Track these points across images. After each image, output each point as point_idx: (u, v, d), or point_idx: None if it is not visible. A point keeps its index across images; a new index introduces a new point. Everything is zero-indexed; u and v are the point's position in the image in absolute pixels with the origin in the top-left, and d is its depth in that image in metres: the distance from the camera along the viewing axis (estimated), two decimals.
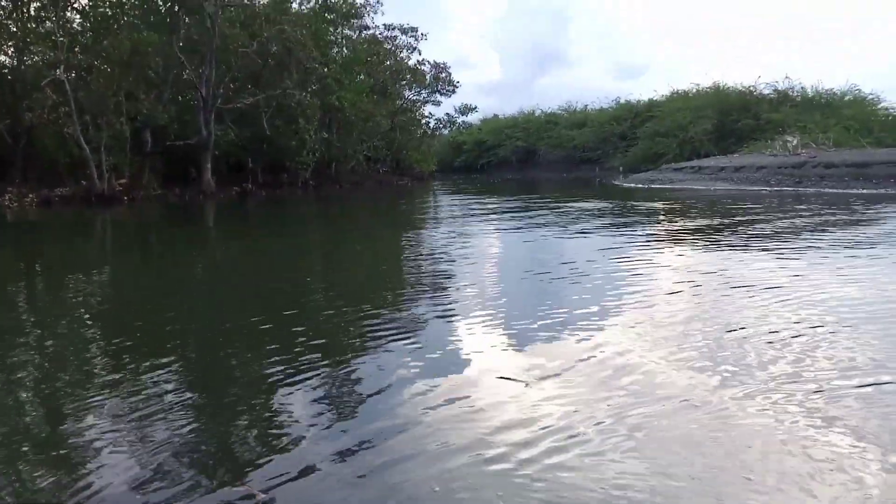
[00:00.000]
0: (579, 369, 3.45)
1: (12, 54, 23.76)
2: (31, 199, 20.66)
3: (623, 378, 3.28)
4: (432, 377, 3.40)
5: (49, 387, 3.51)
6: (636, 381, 3.23)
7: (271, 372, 3.60)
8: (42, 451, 2.68)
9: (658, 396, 3.02)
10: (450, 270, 7.24)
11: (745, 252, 7.81)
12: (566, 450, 2.48)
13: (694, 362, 3.51)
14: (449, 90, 40.48)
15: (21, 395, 3.43)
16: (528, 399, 3.04)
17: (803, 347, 3.71)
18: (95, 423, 2.89)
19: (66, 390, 3.43)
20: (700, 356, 3.61)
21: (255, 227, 15.37)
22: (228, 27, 25.64)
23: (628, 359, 3.61)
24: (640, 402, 2.94)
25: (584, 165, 50.55)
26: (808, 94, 40.77)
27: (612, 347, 3.84)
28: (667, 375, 3.32)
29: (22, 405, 3.30)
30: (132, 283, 7.40)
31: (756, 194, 19.58)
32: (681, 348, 3.79)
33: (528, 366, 3.55)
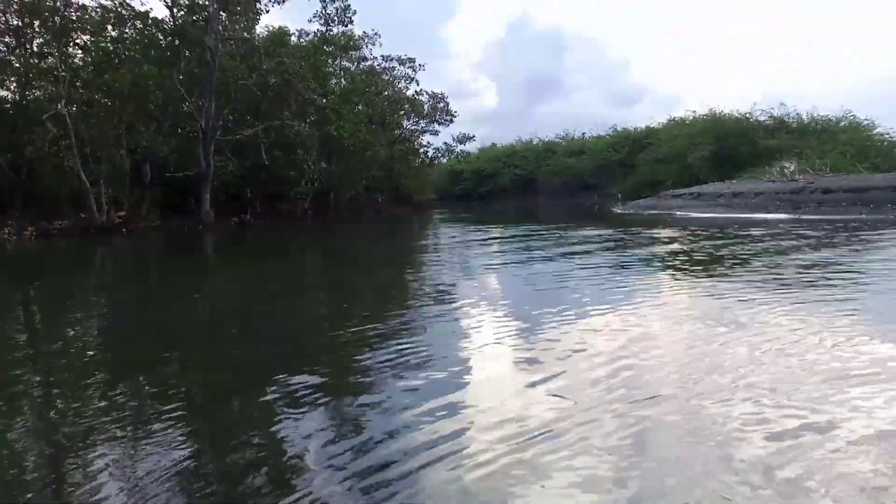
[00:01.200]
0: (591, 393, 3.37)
1: (15, 89, 23.97)
2: (31, 232, 20.64)
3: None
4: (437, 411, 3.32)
5: (48, 430, 3.42)
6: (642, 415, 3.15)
7: (275, 400, 3.52)
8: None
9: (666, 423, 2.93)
10: (452, 310, 7.14)
11: (762, 294, 7.73)
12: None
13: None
14: (447, 120, 40.82)
15: (19, 428, 3.34)
16: (545, 419, 2.97)
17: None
18: (97, 456, 2.83)
19: (65, 433, 3.34)
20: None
21: (254, 257, 15.31)
22: (228, 60, 25.91)
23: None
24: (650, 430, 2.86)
25: (583, 193, 50.78)
26: (803, 120, 41.14)
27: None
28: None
29: (21, 439, 3.21)
30: (130, 315, 7.32)
31: (756, 220, 19.57)
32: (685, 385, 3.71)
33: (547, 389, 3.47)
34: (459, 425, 3.16)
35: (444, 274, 9.51)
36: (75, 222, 21.76)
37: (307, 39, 33.57)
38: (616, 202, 38.00)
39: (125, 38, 25.62)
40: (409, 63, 39.45)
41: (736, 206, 24.96)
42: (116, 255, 16.09)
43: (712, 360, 4.18)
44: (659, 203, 30.02)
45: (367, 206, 36.30)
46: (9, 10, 23.30)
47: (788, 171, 28.48)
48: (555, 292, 7.43)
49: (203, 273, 12.36)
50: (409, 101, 39.31)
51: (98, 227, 21.19)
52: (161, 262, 14.88)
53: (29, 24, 23.61)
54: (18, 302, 8.81)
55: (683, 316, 5.72)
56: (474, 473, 2.59)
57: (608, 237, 15.25)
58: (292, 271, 10.99)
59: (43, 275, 12.22)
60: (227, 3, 26.16)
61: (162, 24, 26.12)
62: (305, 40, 33.48)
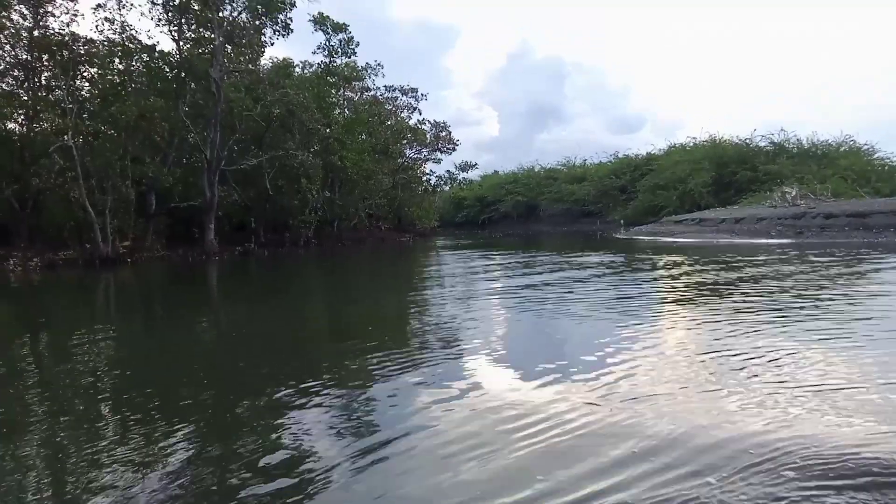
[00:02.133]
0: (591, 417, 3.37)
1: (23, 122, 24.29)
2: (36, 263, 20.74)
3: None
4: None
5: (53, 457, 3.43)
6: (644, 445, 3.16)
7: (281, 428, 3.53)
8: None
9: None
10: (457, 338, 7.15)
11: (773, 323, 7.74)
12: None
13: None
14: (449, 148, 41.23)
15: (27, 453, 3.35)
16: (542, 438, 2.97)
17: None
18: (110, 474, 2.85)
19: (75, 461, 3.35)
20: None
21: (257, 286, 15.35)
22: (233, 92, 26.29)
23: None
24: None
25: (585, 219, 50.96)
26: (803, 145, 41.38)
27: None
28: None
29: (27, 463, 3.22)
30: (135, 344, 7.33)
31: (759, 246, 19.59)
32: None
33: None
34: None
35: (446, 307, 9.51)
36: (80, 253, 21.87)
37: (311, 71, 34.07)
38: (618, 228, 38.10)
39: (132, 70, 26.02)
40: (412, 93, 40.06)
41: (738, 231, 25.02)
42: (120, 286, 16.12)
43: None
44: (661, 229, 30.10)
45: (371, 233, 36.46)
46: (18, 44, 23.76)
47: (790, 197, 28.60)
48: (558, 324, 7.43)
49: (205, 304, 12.38)
50: (411, 130, 39.78)
51: (103, 257, 21.28)
52: (164, 292, 14.92)
53: (38, 57, 24.07)
54: (23, 333, 8.84)
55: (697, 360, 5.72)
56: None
57: (611, 264, 15.27)
58: (294, 303, 10.99)
59: (47, 306, 12.26)
60: (233, 37, 26.64)
61: (168, 56, 26.57)
62: (309, 71, 33.99)
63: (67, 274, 19.06)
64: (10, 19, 23.29)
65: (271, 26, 27.51)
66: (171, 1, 26.06)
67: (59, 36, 23.59)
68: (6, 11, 22.85)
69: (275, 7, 26.64)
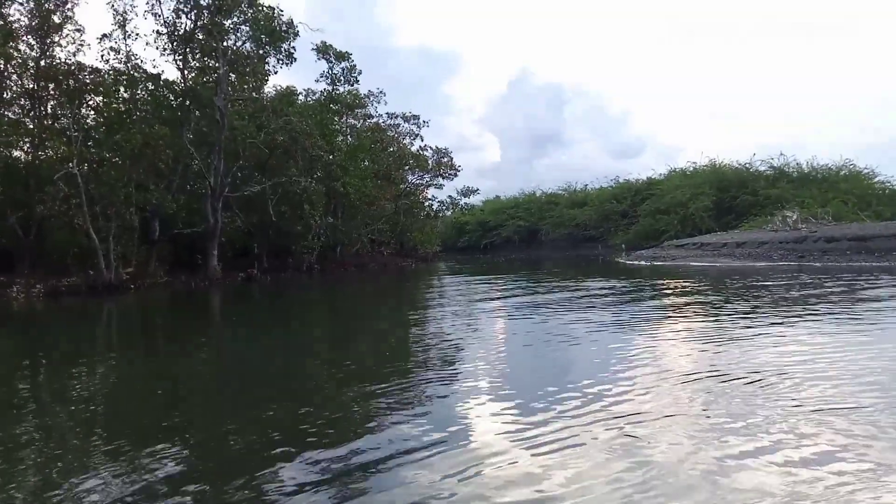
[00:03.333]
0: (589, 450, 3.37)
1: (28, 150, 24.49)
2: (39, 290, 20.75)
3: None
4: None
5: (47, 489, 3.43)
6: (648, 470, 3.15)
7: (279, 458, 3.52)
8: None
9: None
10: (463, 374, 7.13)
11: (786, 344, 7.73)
12: None
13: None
14: (451, 174, 41.51)
15: (23, 486, 3.35)
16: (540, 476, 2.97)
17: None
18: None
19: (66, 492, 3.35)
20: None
21: (259, 315, 15.34)
22: (237, 119, 26.54)
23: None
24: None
25: (586, 243, 51.02)
26: (803, 169, 41.58)
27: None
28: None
29: (24, 496, 3.22)
30: (130, 376, 7.33)
31: (761, 270, 19.59)
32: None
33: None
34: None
35: (448, 334, 9.50)
36: (83, 280, 21.88)
37: (314, 98, 34.42)
38: (619, 253, 38.12)
39: (137, 98, 26.31)
40: (414, 120, 40.46)
41: (740, 255, 25.03)
42: (121, 314, 16.13)
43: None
44: (663, 253, 30.12)
45: (373, 259, 36.51)
46: (25, 74, 24.09)
47: (791, 220, 28.66)
48: (562, 352, 7.43)
49: (205, 335, 12.37)
50: (413, 157, 40.10)
51: (106, 284, 21.30)
52: (164, 321, 14.91)
53: (44, 86, 24.37)
54: (22, 362, 8.84)
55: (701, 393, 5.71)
56: None
57: (614, 289, 15.26)
58: (297, 331, 11.00)
59: (47, 334, 12.27)
60: (237, 66, 27.00)
61: (173, 85, 26.88)
62: (312, 99, 34.34)
63: (70, 301, 19.07)
64: (18, 49, 23.65)
65: (275, 55, 27.87)
66: (176, 31, 26.46)
67: (66, 65, 23.90)
68: (14, 42, 23.19)
69: (278, 37, 27.02)
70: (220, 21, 26.12)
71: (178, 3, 25.99)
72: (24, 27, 23.73)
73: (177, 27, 26.48)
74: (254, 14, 26.50)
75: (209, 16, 26.03)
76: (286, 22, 27.16)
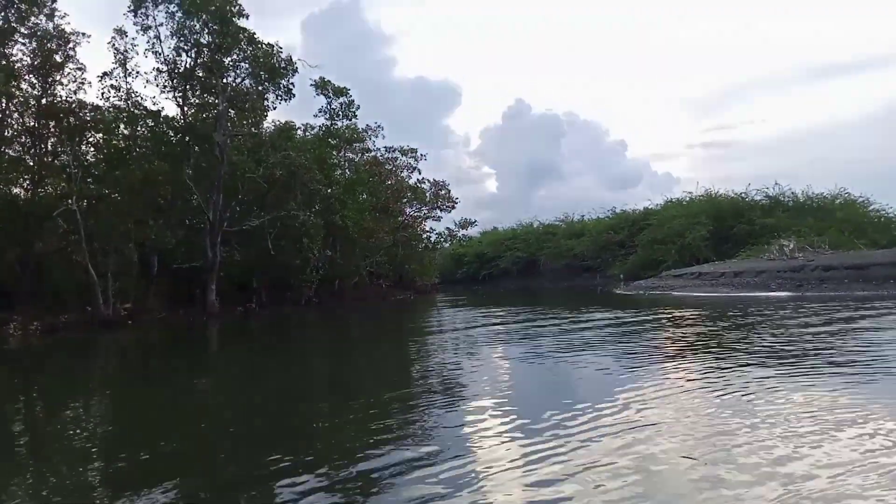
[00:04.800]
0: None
1: (27, 187, 24.60)
2: (36, 327, 20.66)
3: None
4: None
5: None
6: None
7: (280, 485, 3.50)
8: None
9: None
10: (459, 413, 7.02)
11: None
12: None
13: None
14: (448, 206, 41.70)
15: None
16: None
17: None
18: None
19: None
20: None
21: (259, 349, 15.27)
22: (236, 154, 26.75)
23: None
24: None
25: (584, 274, 50.92)
26: (798, 198, 41.74)
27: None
28: None
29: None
30: (126, 414, 7.27)
31: (760, 300, 19.59)
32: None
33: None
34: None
35: (448, 367, 9.47)
36: (81, 316, 21.81)
37: (312, 133, 34.69)
38: (618, 283, 38.08)
39: (137, 135, 26.55)
40: (412, 153, 40.75)
41: (738, 285, 25.02)
42: (119, 351, 16.07)
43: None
44: (661, 284, 30.10)
45: (372, 291, 36.42)
46: (27, 112, 24.34)
47: (788, 250, 28.72)
48: (562, 389, 7.42)
49: (201, 372, 12.28)
50: (411, 189, 40.31)
51: (103, 320, 21.24)
52: (160, 359, 14.80)
53: (45, 124, 24.58)
54: (15, 400, 8.78)
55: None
56: None
57: (614, 321, 15.24)
58: (295, 367, 10.94)
59: (44, 372, 12.19)
60: (236, 102, 27.32)
61: (172, 121, 27.15)
62: (311, 134, 34.61)
63: (67, 337, 19.00)
64: (20, 88, 23.93)
65: (274, 91, 28.26)
66: (176, 68, 26.85)
67: (67, 103, 24.17)
68: (16, 81, 23.48)
69: (278, 73, 27.42)
70: (220, 59, 26.53)
71: (179, 41, 26.44)
72: (26, 66, 24.06)
73: (177, 65, 26.90)
74: (253, 51, 26.92)
75: (209, 54, 26.46)
76: (285, 59, 27.62)
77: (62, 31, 24.29)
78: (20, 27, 23.71)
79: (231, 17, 26.07)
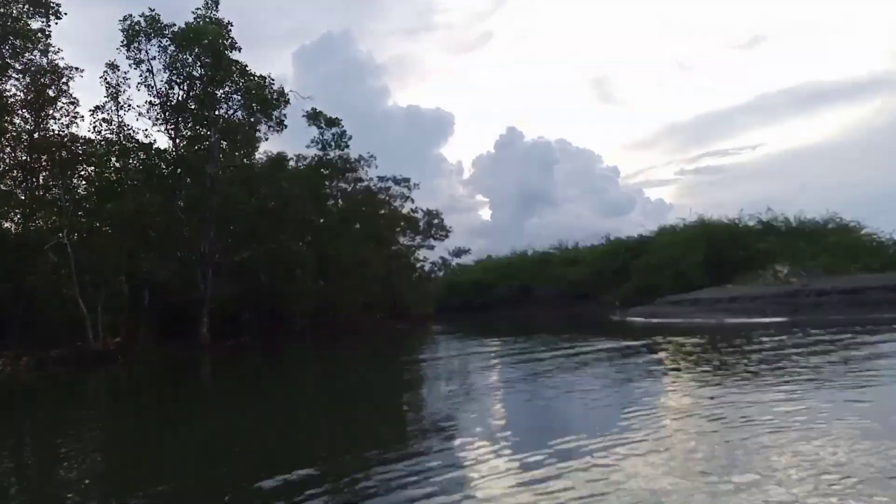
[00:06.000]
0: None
1: (18, 221, 24.46)
2: (25, 362, 20.33)
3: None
4: None
5: None
6: None
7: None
8: None
9: None
10: (455, 453, 6.78)
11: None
12: None
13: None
14: (442, 235, 41.69)
15: None
16: None
17: None
18: None
19: None
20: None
21: (247, 388, 14.97)
22: (228, 186, 26.68)
23: None
24: None
25: (580, 301, 50.77)
26: (791, 223, 41.99)
27: None
28: None
29: None
30: (115, 452, 7.08)
31: (757, 325, 19.50)
32: None
33: None
34: None
35: (444, 407, 9.29)
36: (71, 350, 21.49)
37: (305, 163, 34.70)
38: (614, 310, 37.96)
39: (129, 167, 26.49)
40: (405, 183, 40.79)
41: (734, 310, 24.94)
42: (107, 387, 15.82)
43: None
44: (657, 310, 30.00)
45: (366, 321, 36.10)
46: (19, 146, 24.30)
47: (782, 275, 28.75)
48: (560, 422, 7.27)
49: (193, 408, 12.03)
50: (404, 219, 40.30)
51: (94, 354, 20.93)
52: (147, 396, 14.43)
53: (36, 158, 24.52)
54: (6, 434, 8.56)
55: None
56: None
57: (610, 351, 15.09)
58: (286, 404, 10.72)
59: (31, 408, 11.96)
60: (228, 133, 27.37)
61: (165, 154, 27.15)
62: (303, 164, 34.62)
63: (57, 373, 18.72)
64: (13, 123, 23.93)
65: (266, 122, 28.34)
66: (168, 101, 26.95)
67: (59, 137, 24.15)
68: (9, 116, 23.49)
69: (270, 105, 27.53)
70: (212, 91, 26.65)
71: (172, 74, 26.58)
72: (19, 101, 24.09)
73: (169, 97, 27.00)
74: (245, 83, 27.06)
75: (202, 86, 26.60)
76: (277, 90, 27.74)
77: (56, 66, 24.36)
78: (14, 63, 23.79)
79: (223, 49, 26.28)
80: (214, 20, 26.54)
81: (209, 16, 26.62)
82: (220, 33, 26.23)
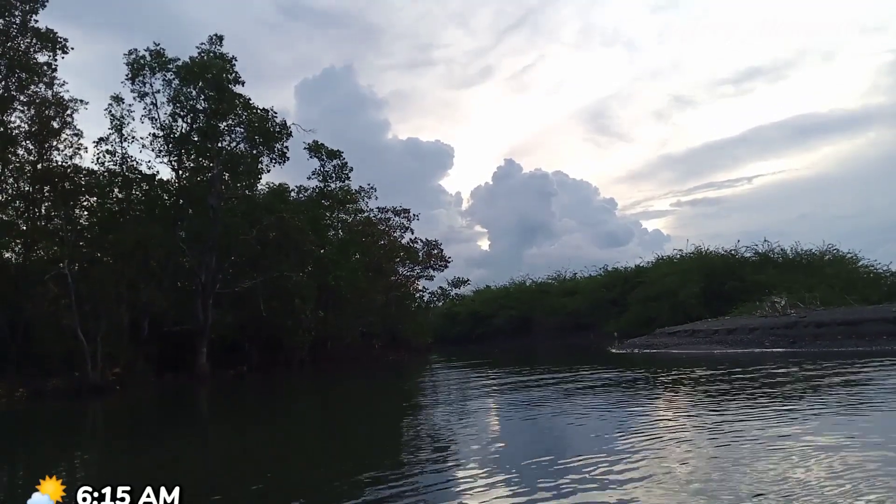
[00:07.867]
0: None
1: (19, 251, 24.55)
2: (22, 393, 20.23)
3: None
4: None
5: None
6: None
7: None
8: None
9: None
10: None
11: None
12: None
13: None
14: (441, 265, 41.83)
15: None
16: None
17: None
18: None
19: None
20: None
21: (250, 416, 14.98)
22: (230, 217, 26.87)
23: None
24: None
25: (578, 332, 50.77)
26: (788, 255, 42.22)
27: None
28: None
29: None
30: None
31: (755, 356, 19.53)
32: None
33: None
34: None
35: (443, 429, 9.32)
36: (68, 381, 21.37)
37: (306, 195, 35.01)
38: (612, 341, 37.92)
39: (131, 198, 26.71)
40: (404, 213, 41.12)
41: (732, 342, 24.99)
42: (105, 418, 15.72)
43: None
44: (655, 341, 30.01)
45: (365, 351, 36.02)
46: (22, 177, 24.52)
47: (780, 306, 28.82)
48: (559, 450, 7.31)
49: (192, 435, 12.02)
50: (404, 249, 40.52)
51: (91, 386, 20.83)
52: (144, 430, 14.35)
53: (39, 189, 24.72)
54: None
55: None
56: None
57: (609, 382, 15.10)
58: (287, 439, 10.70)
59: (25, 441, 11.90)
60: (231, 165, 27.65)
61: (167, 185, 27.38)
62: (304, 195, 34.93)
63: (53, 404, 18.61)
64: (16, 154, 24.18)
65: (268, 154, 28.65)
66: (172, 133, 27.28)
67: (62, 168, 24.40)
68: (13, 147, 23.75)
69: (272, 137, 27.88)
70: (215, 124, 26.99)
71: (175, 107, 26.96)
72: (23, 132, 24.36)
73: (173, 130, 27.34)
74: (248, 116, 27.44)
75: (205, 119, 26.95)
76: (279, 123, 28.11)
77: (60, 98, 24.76)
78: (20, 95, 24.14)
79: (227, 83, 26.70)
80: (218, 55, 27.02)
81: (213, 50, 27.13)
82: (224, 68, 26.69)
